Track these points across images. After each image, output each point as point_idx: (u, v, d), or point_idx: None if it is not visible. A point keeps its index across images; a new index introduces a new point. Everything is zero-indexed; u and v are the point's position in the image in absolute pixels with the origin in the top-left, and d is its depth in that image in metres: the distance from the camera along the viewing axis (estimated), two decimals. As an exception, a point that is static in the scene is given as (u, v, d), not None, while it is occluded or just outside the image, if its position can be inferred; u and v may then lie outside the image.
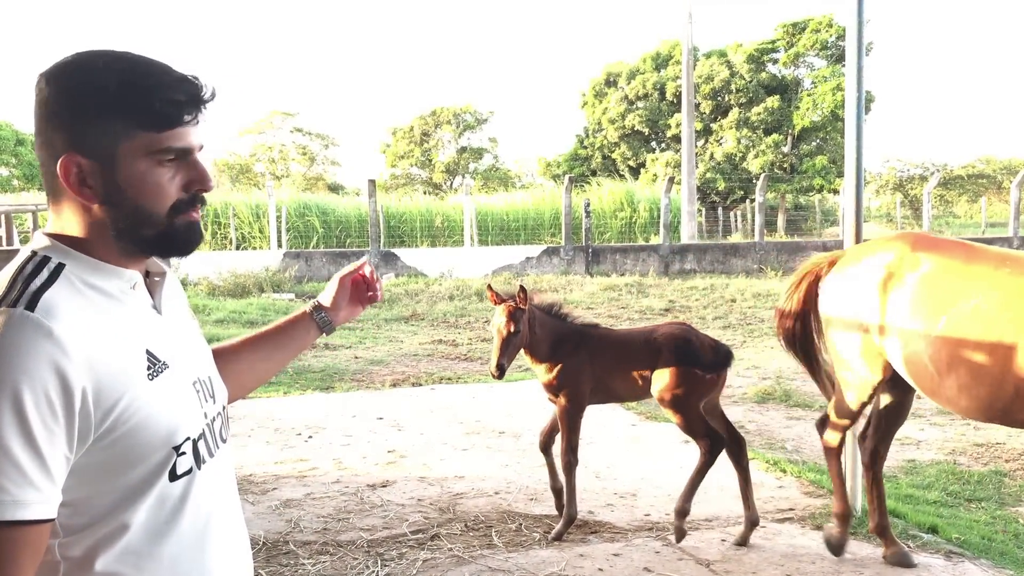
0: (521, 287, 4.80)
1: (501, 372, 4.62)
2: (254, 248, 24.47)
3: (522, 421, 7.74)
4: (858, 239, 5.30)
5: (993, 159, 50.02)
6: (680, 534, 4.72)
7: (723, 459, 4.86)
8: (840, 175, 33.91)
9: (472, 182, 43.40)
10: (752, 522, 4.83)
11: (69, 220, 1.34)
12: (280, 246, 23.67)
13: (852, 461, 5.21)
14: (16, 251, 6.58)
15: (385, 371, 10.61)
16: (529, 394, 9.01)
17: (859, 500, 5.26)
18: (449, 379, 10.01)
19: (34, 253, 1.31)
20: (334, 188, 48.80)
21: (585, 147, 44.15)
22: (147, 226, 1.34)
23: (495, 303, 4.86)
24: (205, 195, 1.40)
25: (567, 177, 24.78)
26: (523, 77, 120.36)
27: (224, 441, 1.51)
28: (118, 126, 1.30)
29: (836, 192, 37.91)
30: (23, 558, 1.18)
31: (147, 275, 1.43)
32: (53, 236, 1.34)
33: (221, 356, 1.73)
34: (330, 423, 7.78)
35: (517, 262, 21.31)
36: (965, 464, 6.56)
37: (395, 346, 12.60)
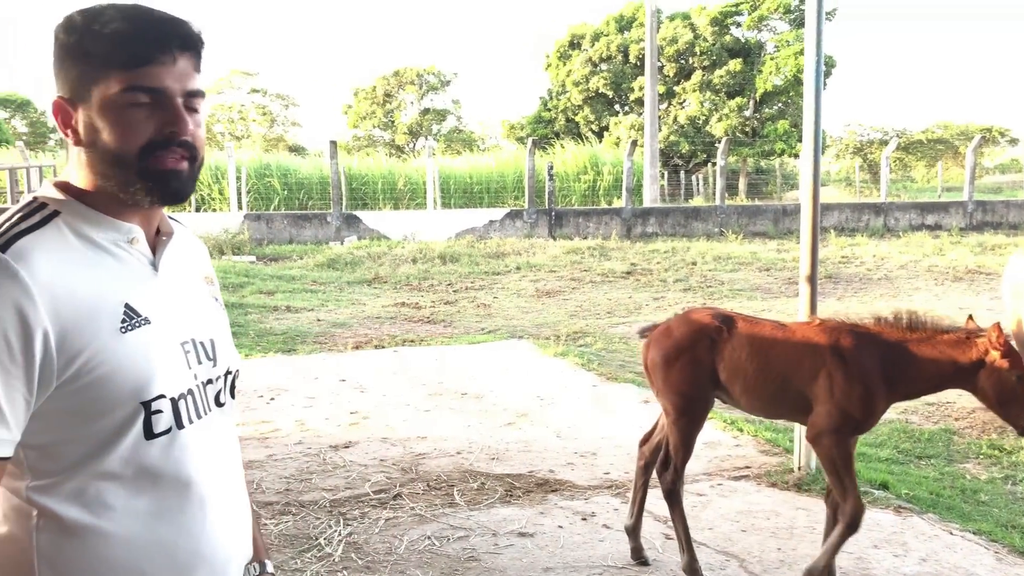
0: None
1: None
2: (214, 210, 24.15)
3: (484, 383, 7.79)
4: (815, 203, 5.37)
5: (951, 124, 50.68)
6: None
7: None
8: (801, 139, 34.23)
9: (435, 144, 43.07)
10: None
11: (73, 169, 1.38)
12: (240, 208, 23.38)
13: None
14: None
15: (348, 334, 10.59)
16: (490, 356, 9.07)
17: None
18: (412, 341, 10.02)
19: (35, 199, 1.34)
20: (295, 149, 48.19)
21: (549, 110, 43.95)
22: (121, 168, 1.34)
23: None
24: (193, 144, 1.38)
25: (530, 140, 24.69)
26: (487, 38, 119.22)
27: (220, 406, 1.49)
28: (92, 66, 1.32)
29: (797, 156, 38.18)
30: None
31: (157, 233, 1.45)
32: (60, 185, 1.37)
33: None
34: (292, 385, 7.78)
35: (480, 225, 21.27)
36: (917, 423, 6.74)
37: (358, 309, 12.57)
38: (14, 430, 1.22)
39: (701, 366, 3.99)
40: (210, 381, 1.46)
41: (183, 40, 1.36)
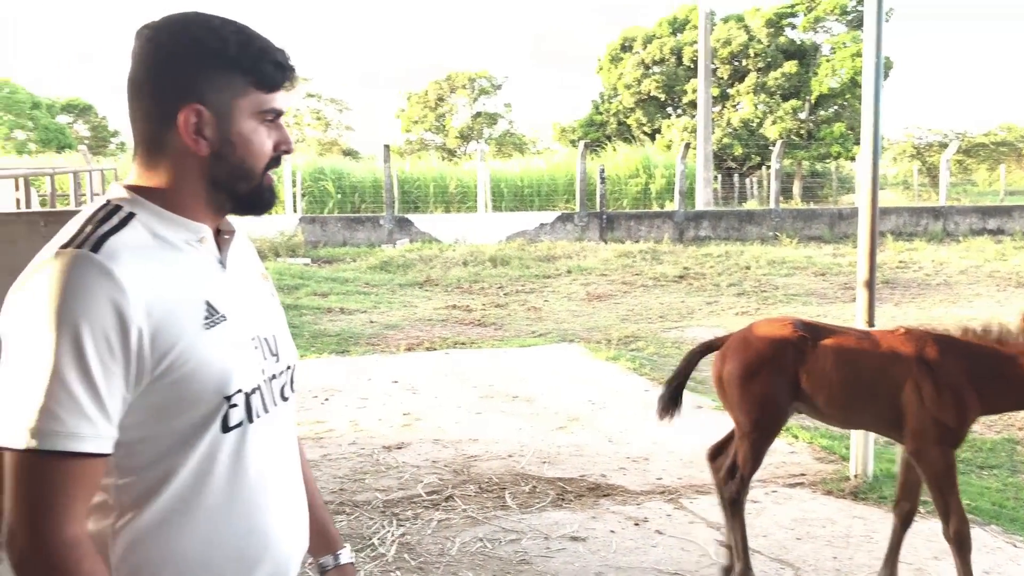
0: None
1: None
2: (270, 213, 24.50)
3: (535, 386, 7.80)
4: (874, 207, 5.28)
5: (1015, 127, 49.41)
6: None
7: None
8: (858, 142, 33.62)
9: (486, 147, 43.18)
10: None
11: (158, 170, 1.38)
12: (296, 211, 23.71)
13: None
14: (46, 212, 6.63)
15: (400, 335, 10.68)
16: (541, 359, 9.07)
17: (870, 465, 5.30)
18: (463, 344, 10.07)
19: (108, 202, 1.36)
20: (349, 153, 48.70)
21: (600, 113, 43.81)
22: (244, 181, 1.41)
23: None
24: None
25: (582, 143, 24.65)
26: (539, 42, 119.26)
27: (285, 400, 1.52)
28: (237, 82, 1.36)
29: (853, 159, 37.55)
30: (75, 490, 1.21)
31: (218, 232, 1.47)
32: (131, 187, 1.38)
33: None
34: (346, 386, 7.86)
35: (531, 228, 21.28)
36: (979, 432, 6.58)
37: (409, 311, 12.66)
38: (115, 427, 1.25)
39: (784, 377, 3.86)
40: (275, 376, 1.49)
41: (294, 67, 1.44)
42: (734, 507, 4.02)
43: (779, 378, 3.86)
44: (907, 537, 3.97)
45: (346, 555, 1.76)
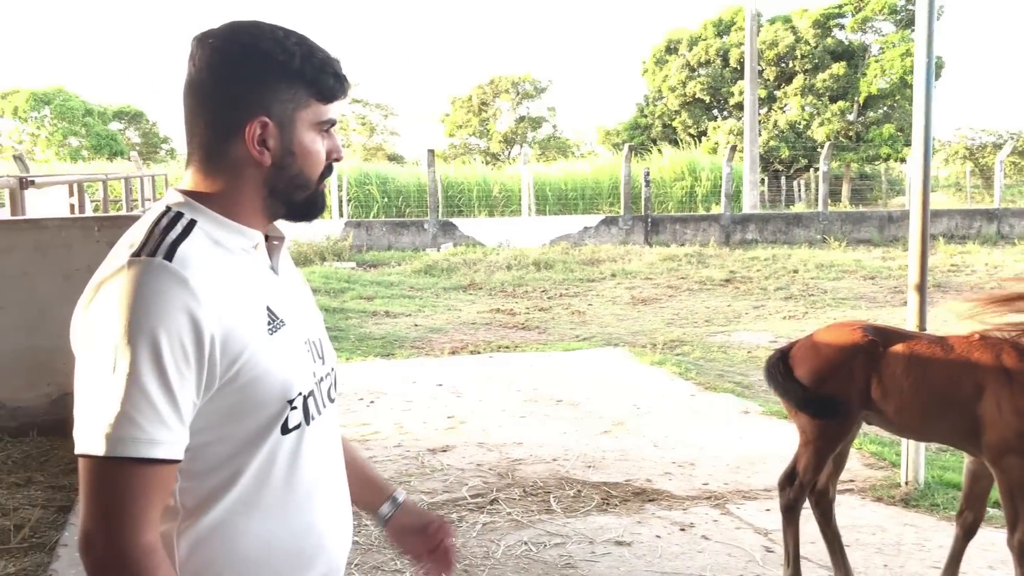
0: None
1: None
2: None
3: (579, 390, 7.78)
4: (925, 209, 5.19)
5: (1071, 126, 48.19)
6: None
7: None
8: (908, 144, 33.04)
9: (530, 151, 43.22)
10: None
11: (216, 177, 1.40)
12: (341, 215, 23.94)
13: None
14: (99, 217, 6.78)
15: (444, 339, 10.72)
16: (585, 363, 9.05)
17: (921, 472, 5.21)
18: (507, 347, 10.08)
19: (168, 208, 1.37)
20: (394, 158, 49.06)
21: (645, 115, 43.64)
22: (301, 190, 1.44)
23: None
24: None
25: (626, 146, 24.55)
26: (583, 45, 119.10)
27: (332, 401, 1.56)
28: (300, 94, 1.38)
29: (903, 161, 36.94)
30: (152, 495, 1.24)
31: (267, 239, 1.49)
32: (187, 193, 1.40)
33: None
34: (391, 389, 7.91)
35: (575, 232, 21.24)
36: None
37: (453, 314, 12.71)
38: (187, 433, 1.27)
39: (854, 384, 3.75)
40: (322, 379, 1.51)
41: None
42: (790, 514, 3.97)
43: (848, 385, 3.76)
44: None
45: (402, 494, 1.79)
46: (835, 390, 3.77)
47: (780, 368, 3.99)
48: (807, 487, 3.91)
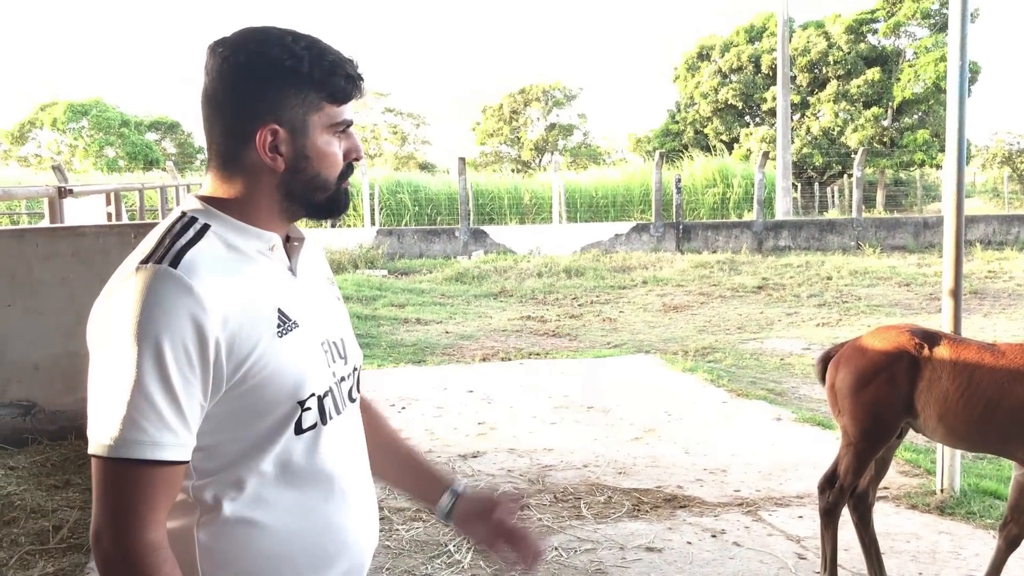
0: None
1: None
2: (348, 226, 24.96)
3: (610, 397, 7.76)
4: (959, 214, 5.14)
5: (1111, 131, 47.35)
6: None
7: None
8: (942, 149, 32.65)
9: (561, 159, 43.24)
10: None
11: (233, 182, 1.43)
12: (373, 224, 24.13)
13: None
14: (135, 225, 6.90)
15: (475, 346, 10.75)
16: (616, 370, 9.03)
17: (957, 480, 5.14)
18: (537, 354, 10.09)
19: (183, 214, 1.41)
20: (425, 167, 49.32)
21: (677, 122, 43.50)
22: (320, 192, 1.46)
23: None
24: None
25: (658, 153, 24.48)
26: (613, 52, 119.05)
27: (353, 401, 1.57)
28: (311, 98, 1.40)
29: (938, 167, 36.46)
30: (156, 496, 1.28)
31: (287, 240, 1.51)
32: (204, 199, 1.43)
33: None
34: (422, 395, 7.95)
35: (606, 239, 21.20)
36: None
37: (484, 321, 12.74)
38: (193, 435, 1.31)
39: (898, 388, 3.69)
40: (343, 378, 1.53)
41: (362, 77, 1.48)
42: (828, 517, 3.93)
43: (893, 389, 3.70)
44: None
45: (461, 483, 1.78)
46: (878, 392, 3.73)
47: (819, 369, 4.03)
48: (847, 491, 3.87)
